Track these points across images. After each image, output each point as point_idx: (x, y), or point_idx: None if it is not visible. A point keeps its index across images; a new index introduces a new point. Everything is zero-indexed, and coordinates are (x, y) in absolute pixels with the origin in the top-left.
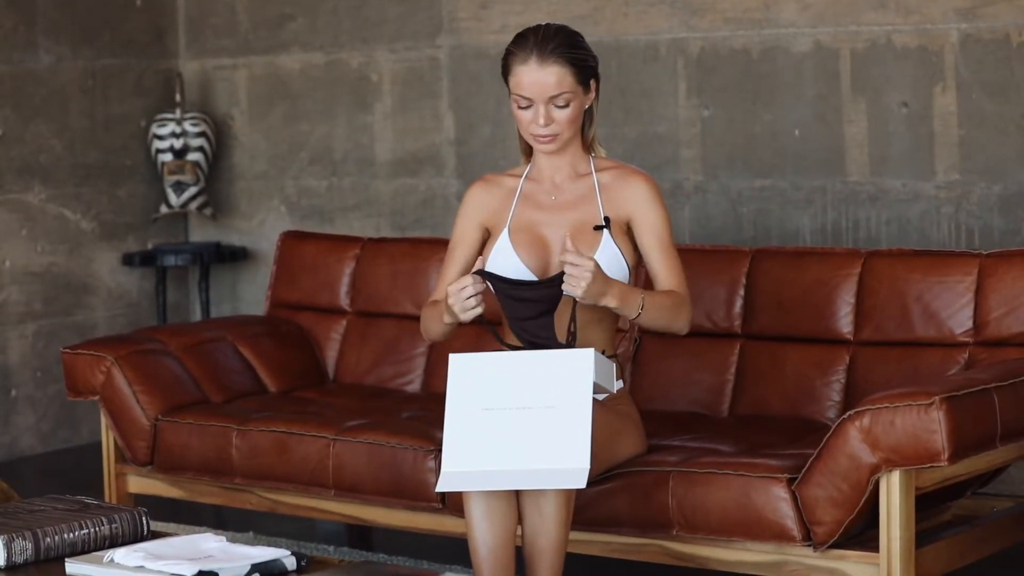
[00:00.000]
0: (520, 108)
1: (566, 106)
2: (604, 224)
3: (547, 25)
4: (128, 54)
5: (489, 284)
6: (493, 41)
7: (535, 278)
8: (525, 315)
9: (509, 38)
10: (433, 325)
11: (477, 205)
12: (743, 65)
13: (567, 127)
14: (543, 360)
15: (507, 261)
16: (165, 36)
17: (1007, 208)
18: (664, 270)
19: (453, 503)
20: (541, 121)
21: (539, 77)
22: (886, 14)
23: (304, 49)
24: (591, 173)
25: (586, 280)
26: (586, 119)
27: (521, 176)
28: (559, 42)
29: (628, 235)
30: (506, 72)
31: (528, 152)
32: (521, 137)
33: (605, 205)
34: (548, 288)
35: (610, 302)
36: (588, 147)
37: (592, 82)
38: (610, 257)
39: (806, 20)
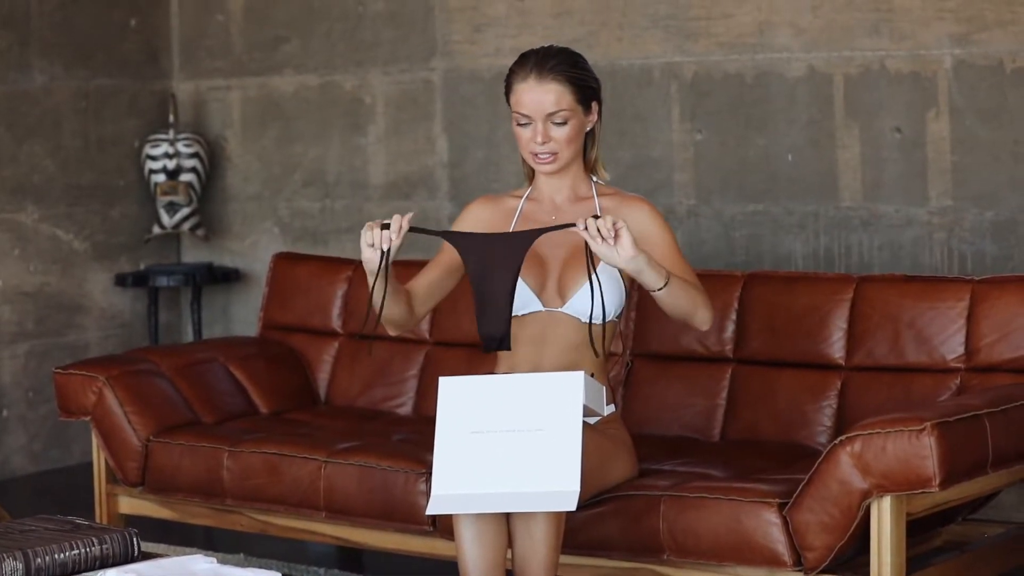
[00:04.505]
0: (519, 125)
1: (564, 124)
2: None
3: (550, 46)
4: (122, 74)
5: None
6: (487, 65)
7: (535, 296)
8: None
9: (503, 62)
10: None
11: (474, 219)
12: (736, 90)
13: (565, 146)
14: (533, 383)
15: None
16: (159, 57)
17: (999, 234)
18: (681, 275)
19: (444, 526)
20: (539, 139)
21: (537, 94)
22: (880, 40)
23: (298, 71)
24: (592, 197)
25: (628, 234)
26: (588, 142)
27: (522, 197)
28: (559, 60)
29: None
30: (508, 92)
31: (531, 174)
32: (524, 159)
33: None
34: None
35: (641, 260)
36: (590, 170)
37: (594, 104)
38: (608, 276)
39: (800, 45)
